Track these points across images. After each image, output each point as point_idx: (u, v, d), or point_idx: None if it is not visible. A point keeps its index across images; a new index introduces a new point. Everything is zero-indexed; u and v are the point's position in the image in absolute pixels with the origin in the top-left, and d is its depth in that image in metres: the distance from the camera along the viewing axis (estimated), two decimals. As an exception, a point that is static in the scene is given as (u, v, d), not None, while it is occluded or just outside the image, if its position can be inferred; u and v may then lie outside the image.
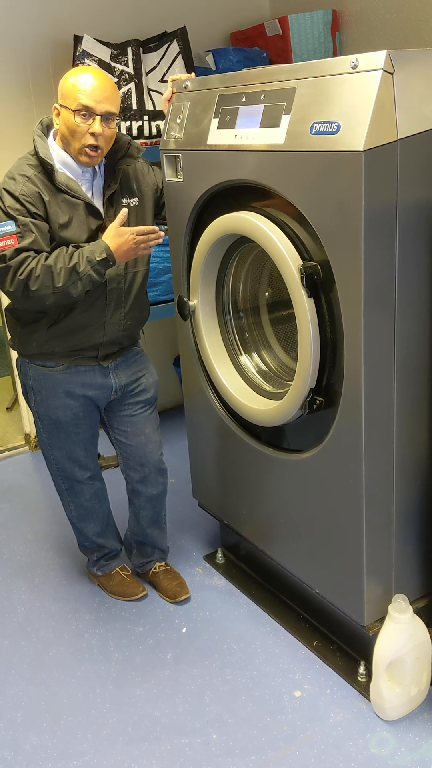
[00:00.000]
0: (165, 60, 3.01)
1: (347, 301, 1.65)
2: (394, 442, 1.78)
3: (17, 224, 1.92)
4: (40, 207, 1.95)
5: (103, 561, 2.51)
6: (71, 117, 1.93)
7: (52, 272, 1.90)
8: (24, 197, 1.93)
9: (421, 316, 1.73)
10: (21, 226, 1.92)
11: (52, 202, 1.96)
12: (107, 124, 1.95)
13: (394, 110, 1.52)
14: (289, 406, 1.88)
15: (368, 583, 1.86)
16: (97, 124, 1.92)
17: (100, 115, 1.92)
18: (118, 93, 1.98)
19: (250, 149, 1.82)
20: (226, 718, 1.98)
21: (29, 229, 1.92)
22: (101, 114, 1.92)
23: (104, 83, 1.94)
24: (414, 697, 1.92)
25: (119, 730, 1.98)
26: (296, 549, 2.09)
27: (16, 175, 1.96)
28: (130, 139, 2.14)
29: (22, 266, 1.90)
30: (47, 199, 1.95)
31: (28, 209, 1.93)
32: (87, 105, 1.91)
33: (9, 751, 1.93)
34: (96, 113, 1.92)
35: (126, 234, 1.95)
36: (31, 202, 1.93)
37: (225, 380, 2.15)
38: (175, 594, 2.43)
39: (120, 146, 2.09)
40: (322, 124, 1.60)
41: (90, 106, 1.91)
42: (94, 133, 1.93)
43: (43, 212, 1.96)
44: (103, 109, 1.92)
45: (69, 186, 1.98)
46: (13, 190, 1.93)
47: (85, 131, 1.93)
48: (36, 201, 1.94)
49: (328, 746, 1.86)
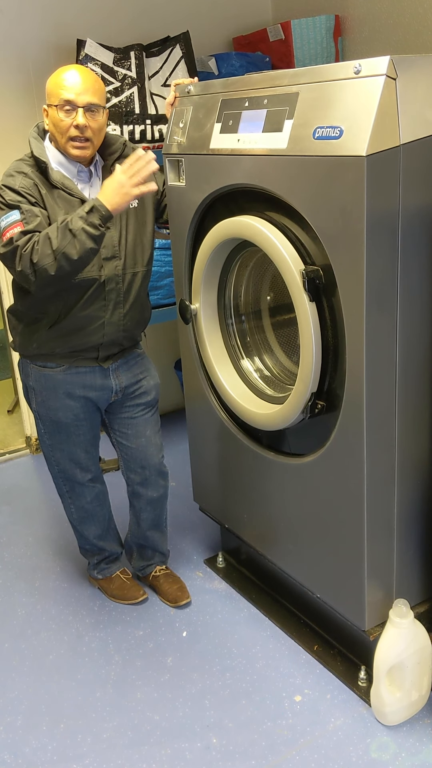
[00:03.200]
0: (168, 64, 3.02)
1: (349, 306, 1.65)
2: (395, 446, 1.78)
3: (21, 212, 1.94)
4: (39, 199, 1.98)
5: (104, 564, 2.51)
6: (56, 113, 1.97)
7: (49, 238, 1.87)
8: (24, 189, 1.96)
9: (423, 320, 1.73)
10: (25, 212, 1.94)
11: (48, 197, 1.99)
12: (92, 116, 1.98)
13: (397, 115, 1.52)
14: (290, 410, 1.88)
15: (369, 587, 1.86)
16: (80, 116, 1.95)
17: (82, 107, 1.95)
18: (101, 85, 2.02)
19: (253, 154, 1.82)
20: (226, 722, 1.98)
21: (34, 214, 1.94)
22: (83, 106, 1.95)
23: (84, 76, 1.98)
24: (414, 702, 1.92)
25: (119, 733, 1.97)
26: (297, 553, 2.09)
27: (13, 172, 2.00)
28: (125, 140, 2.17)
29: (28, 244, 1.89)
30: (44, 192, 1.99)
31: (29, 200, 1.96)
32: (68, 99, 1.95)
33: (9, 755, 1.93)
34: (78, 105, 1.95)
35: (117, 185, 1.88)
36: (31, 194, 1.97)
37: (226, 384, 2.15)
38: (176, 598, 2.42)
39: (115, 148, 2.13)
40: (324, 128, 1.60)
41: (71, 99, 1.95)
42: (78, 125, 1.96)
43: (42, 204, 1.99)
44: (84, 100, 1.95)
45: (64, 184, 2.01)
46: (12, 184, 1.97)
47: (69, 125, 1.97)
48: (35, 193, 1.97)
49: (328, 751, 1.85)
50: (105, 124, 2.05)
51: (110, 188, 1.89)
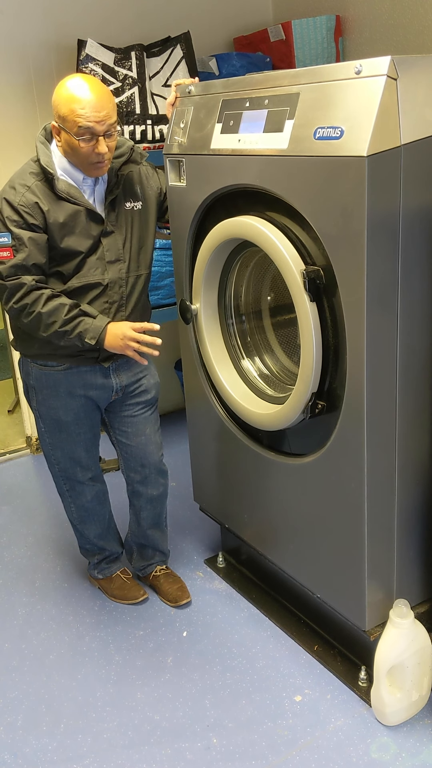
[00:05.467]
0: (168, 64, 3.02)
1: (350, 306, 1.65)
2: (395, 446, 1.78)
3: (13, 237, 1.93)
4: (39, 217, 1.96)
5: (104, 564, 2.51)
6: (73, 140, 1.91)
7: (42, 323, 1.97)
8: (22, 208, 1.94)
9: (423, 321, 1.73)
10: (16, 239, 1.94)
11: (51, 211, 1.97)
12: (110, 137, 1.94)
13: (398, 116, 1.52)
14: (290, 411, 1.88)
15: (369, 587, 1.86)
16: (103, 145, 1.91)
17: (102, 135, 1.91)
18: (113, 100, 1.95)
19: (254, 154, 1.82)
20: (226, 722, 1.98)
21: (23, 244, 1.94)
22: (103, 133, 1.91)
23: (100, 98, 1.89)
24: (415, 703, 1.92)
25: (119, 733, 1.97)
26: (297, 553, 2.09)
27: (17, 185, 1.97)
28: (133, 144, 2.14)
29: (18, 294, 1.95)
30: (46, 208, 1.96)
31: (25, 219, 1.94)
32: (88, 127, 1.88)
33: (9, 755, 1.93)
34: (98, 134, 1.90)
35: (121, 334, 2.00)
36: (29, 213, 1.94)
37: (227, 384, 2.15)
38: (176, 598, 2.43)
39: (123, 151, 2.10)
40: (325, 129, 1.60)
41: (91, 127, 1.88)
42: (99, 152, 1.92)
43: (42, 222, 1.96)
44: (104, 129, 1.90)
45: (70, 193, 1.99)
46: (12, 200, 1.95)
47: (90, 152, 1.92)
48: (34, 212, 1.95)
49: (328, 751, 1.85)
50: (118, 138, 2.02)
51: (114, 333, 1.99)
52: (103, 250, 2.06)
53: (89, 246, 2.02)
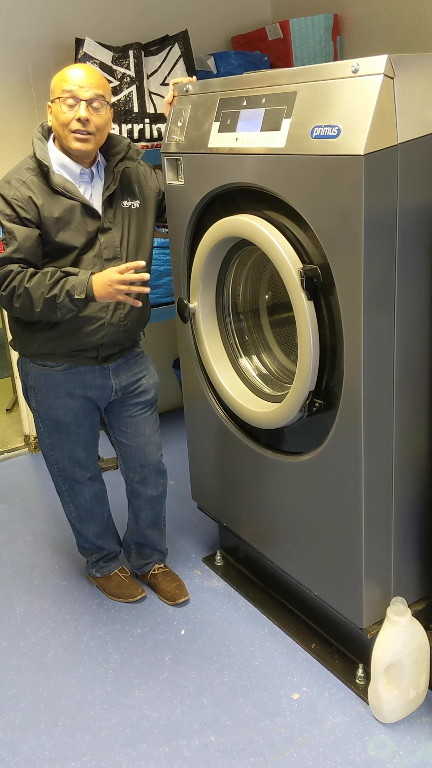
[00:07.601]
0: (166, 63, 3.02)
1: (347, 305, 1.65)
2: (393, 445, 1.79)
3: (4, 230, 1.95)
4: (32, 212, 1.96)
5: (102, 563, 2.52)
6: (58, 107, 1.96)
7: (31, 297, 1.95)
8: (15, 202, 1.95)
9: (420, 319, 1.73)
10: (7, 233, 1.95)
11: (46, 205, 1.97)
12: (95, 111, 1.96)
13: (395, 114, 1.53)
14: (288, 409, 1.89)
15: (367, 585, 1.86)
16: (83, 109, 1.94)
17: (85, 101, 1.94)
18: (105, 81, 2.00)
19: (251, 153, 1.82)
20: (224, 720, 1.98)
21: (13, 237, 1.95)
22: (86, 99, 1.94)
23: (89, 71, 1.98)
24: (412, 700, 1.92)
25: (117, 731, 1.98)
26: (295, 551, 2.09)
27: (13, 179, 1.99)
28: (129, 141, 2.14)
29: (5, 281, 1.95)
30: (41, 202, 1.97)
31: (18, 213, 1.95)
32: (71, 90, 1.93)
33: (7, 753, 1.93)
34: (81, 98, 1.94)
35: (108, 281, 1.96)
36: (22, 207, 1.95)
37: (225, 383, 2.16)
38: (174, 596, 2.43)
39: (119, 149, 2.10)
40: (322, 128, 1.61)
41: (74, 90, 1.93)
42: (80, 118, 1.94)
43: (35, 217, 1.97)
44: (87, 94, 1.94)
45: (65, 187, 1.99)
46: (6, 194, 1.96)
47: (71, 118, 1.95)
48: (27, 206, 1.96)
49: (326, 749, 1.86)
50: (109, 122, 2.03)
51: (101, 282, 1.96)
52: (101, 247, 2.06)
53: (85, 242, 2.02)
